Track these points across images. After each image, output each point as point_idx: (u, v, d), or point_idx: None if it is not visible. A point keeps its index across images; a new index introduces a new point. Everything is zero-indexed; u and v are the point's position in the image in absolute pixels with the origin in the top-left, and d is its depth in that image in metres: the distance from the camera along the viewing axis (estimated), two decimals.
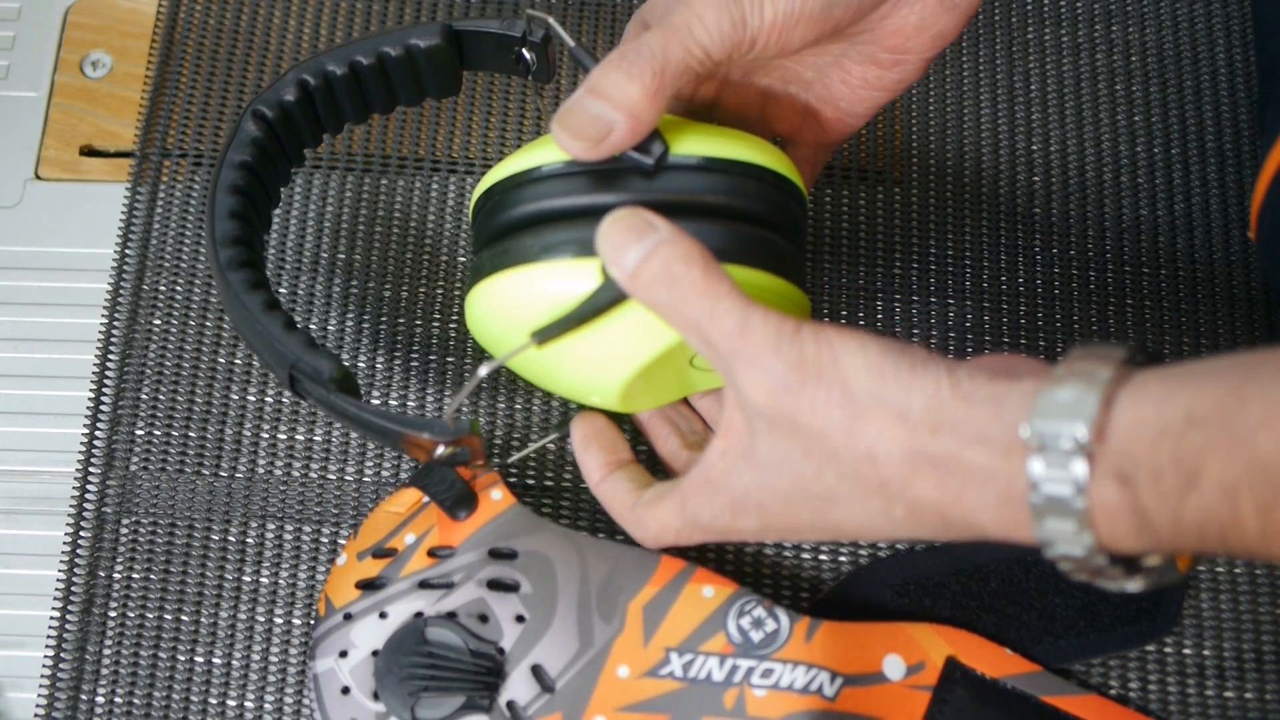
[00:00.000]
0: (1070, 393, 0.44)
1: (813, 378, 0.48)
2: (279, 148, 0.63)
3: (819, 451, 0.48)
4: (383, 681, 0.60)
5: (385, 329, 0.71)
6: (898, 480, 0.47)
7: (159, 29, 0.77)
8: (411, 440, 0.56)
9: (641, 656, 0.61)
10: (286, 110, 0.62)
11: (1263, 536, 0.41)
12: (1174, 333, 0.71)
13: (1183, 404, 0.42)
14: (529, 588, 0.61)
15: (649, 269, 0.50)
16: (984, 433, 0.45)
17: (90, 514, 0.68)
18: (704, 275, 0.49)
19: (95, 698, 0.65)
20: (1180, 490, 0.42)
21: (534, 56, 0.62)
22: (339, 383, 0.56)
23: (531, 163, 0.57)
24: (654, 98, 0.53)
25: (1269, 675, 0.65)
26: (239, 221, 0.59)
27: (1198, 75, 0.76)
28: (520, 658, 0.60)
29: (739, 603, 0.61)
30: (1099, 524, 0.44)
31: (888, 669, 0.62)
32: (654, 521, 0.56)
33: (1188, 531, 0.42)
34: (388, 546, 0.63)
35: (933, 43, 0.59)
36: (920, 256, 0.72)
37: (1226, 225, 0.73)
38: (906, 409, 0.46)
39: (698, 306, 0.49)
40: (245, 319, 0.57)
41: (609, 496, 0.59)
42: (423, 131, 0.75)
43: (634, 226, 0.51)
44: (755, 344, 0.48)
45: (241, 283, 0.58)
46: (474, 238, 0.61)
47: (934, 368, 0.47)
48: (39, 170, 0.75)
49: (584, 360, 0.57)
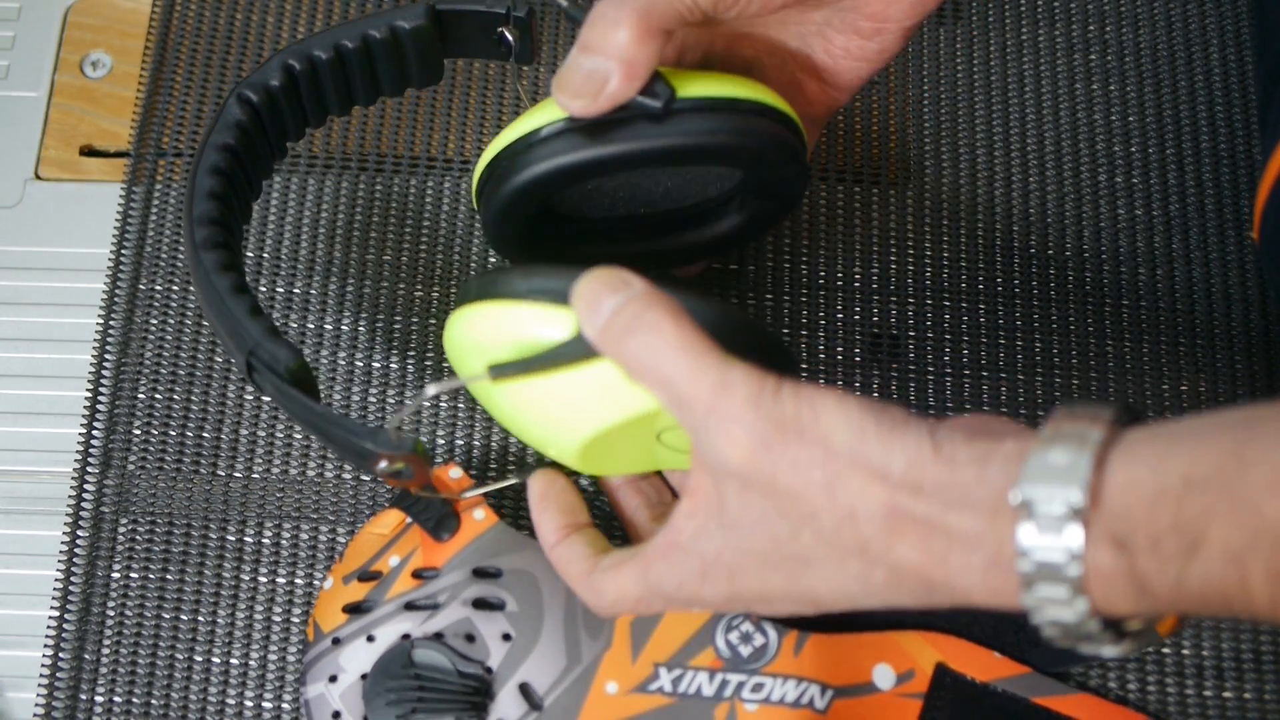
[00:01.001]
0: (1062, 455, 0.42)
1: (794, 436, 0.46)
2: (262, 134, 0.62)
3: (796, 512, 0.46)
4: (372, 705, 0.60)
5: (381, 329, 0.71)
6: (879, 541, 0.45)
7: (153, 29, 0.77)
8: (354, 448, 0.54)
9: (630, 672, 0.61)
10: (272, 95, 0.61)
11: (1273, 603, 0.40)
12: (1169, 334, 0.71)
13: (1179, 466, 0.41)
14: (514, 606, 0.61)
15: (621, 320, 0.49)
16: (968, 495, 0.44)
17: (88, 514, 0.68)
18: (679, 330, 0.48)
19: (94, 698, 0.65)
20: (1182, 556, 0.41)
21: (516, 37, 0.62)
22: (294, 374, 0.54)
23: (529, 127, 0.57)
24: (643, 40, 0.52)
25: (1268, 675, 0.65)
26: (218, 203, 0.58)
27: (1191, 75, 0.76)
28: (508, 676, 0.60)
29: (727, 617, 0.61)
30: (1094, 590, 0.42)
31: (878, 679, 0.62)
32: (613, 588, 0.53)
33: (1189, 597, 0.41)
34: (373, 569, 0.63)
35: (913, 9, 0.59)
36: (916, 257, 0.72)
37: (1222, 226, 0.72)
38: (888, 468, 0.45)
39: (674, 362, 0.48)
40: (212, 300, 0.56)
41: (565, 561, 0.56)
42: (418, 131, 0.75)
43: (609, 282, 0.50)
44: (736, 402, 0.47)
45: (214, 264, 0.56)
46: (482, 210, 0.60)
47: (915, 428, 0.46)
48: (39, 170, 0.75)
49: (544, 412, 0.56)
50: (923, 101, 0.75)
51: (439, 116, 0.75)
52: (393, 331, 0.71)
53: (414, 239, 0.73)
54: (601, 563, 0.54)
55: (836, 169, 0.74)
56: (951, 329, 0.71)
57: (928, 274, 0.72)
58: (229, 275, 0.56)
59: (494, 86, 0.76)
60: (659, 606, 0.52)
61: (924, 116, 0.75)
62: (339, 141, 0.75)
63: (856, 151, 0.74)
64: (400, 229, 0.73)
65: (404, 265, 0.72)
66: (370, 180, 0.74)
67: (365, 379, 0.70)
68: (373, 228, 0.73)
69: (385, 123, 0.75)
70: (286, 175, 0.74)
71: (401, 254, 0.72)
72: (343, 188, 0.74)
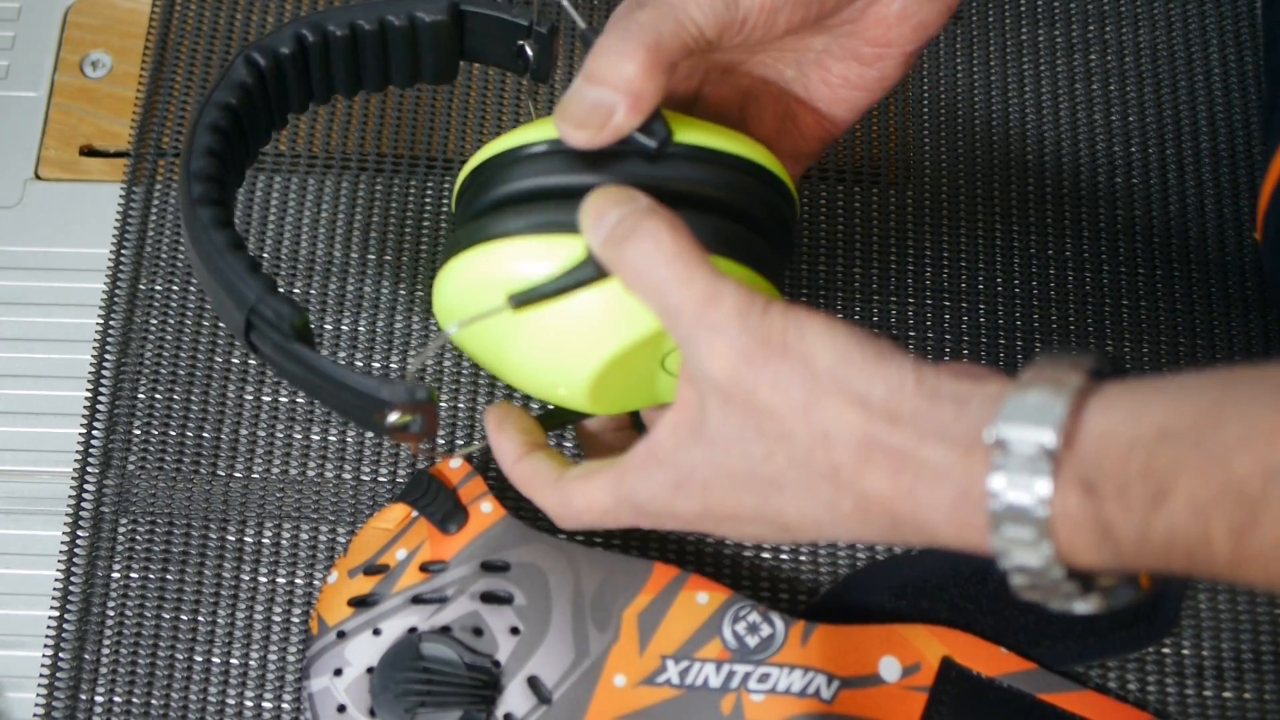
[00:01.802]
0: (1039, 397, 0.43)
1: (777, 353, 0.46)
2: (265, 99, 0.60)
3: (773, 430, 0.47)
4: (378, 698, 0.60)
5: (382, 329, 0.71)
6: (849, 467, 0.46)
7: (153, 29, 0.77)
8: (364, 401, 0.53)
9: (638, 665, 0.61)
10: (280, 61, 0.60)
11: (1233, 560, 0.40)
12: (1169, 334, 0.71)
13: (1156, 418, 0.41)
14: (522, 599, 0.61)
15: (623, 229, 0.50)
16: (945, 430, 0.44)
17: (88, 514, 0.68)
18: (676, 242, 0.49)
19: (94, 698, 0.65)
20: (1148, 505, 0.41)
21: (535, 51, 0.62)
22: (298, 331, 0.53)
23: (520, 141, 0.56)
24: (651, 74, 0.52)
25: (1268, 675, 0.65)
26: (215, 160, 0.57)
27: (1192, 76, 0.76)
28: (516, 670, 0.60)
29: (733, 608, 0.61)
30: (1060, 534, 0.43)
31: (884, 671, 0.62)
32: (580, 497, 0.53)
33: (1153, 548, 0.41)
34: (379, 563, 0.63)
35: (914, 34, 0.58)
36: (916, 258, 0.72)
37: (1221, 226, 0.73)
38: (868, 395, 0.45)
39: (668, 271, 0.48)
40: (207, 256, 0.54)
41: (528, 473, 0.56)
42: (418, 131, 0.75)
43: (615, 196, 0.51)
44: (723, 314, 0.47)
45: (211, 219, 0.55)
46: (456, 217, 0.59)
47: (900, 359, 0.46)
48: (39, 170, 0.75)
49: (557, 341, 0.55)
50: (923, 101, 0.76)
51: (439, 116, 0.75)
52: (393, 331, 0.71)
53: (414, 239, 0.73)
54: (569, 473, 0.54)
55: (836, 169, 0.74)
56: (951, 329, 0.71)
57: (928, 274, 0.72)
58: (225, 232, 0.55)
59: (494, 88, 0.76)
60: (627, 519, 0.52)
61: (924, 116, 0.75)
62: (339, 141, 0.75)
63: (856, 151, 0.75)
64: (400, 229, 0.73)
65: (404, 265, 0.72)
66: (370, 180, 0.74)
67: None
68: (373, 228, 0.73)
69: (385, 123, 0.75)
70: (286, 175, 0.74)
71: (401, 254, 0.72)
72: (343, 188, 0.74)
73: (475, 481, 0.63)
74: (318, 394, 0.55)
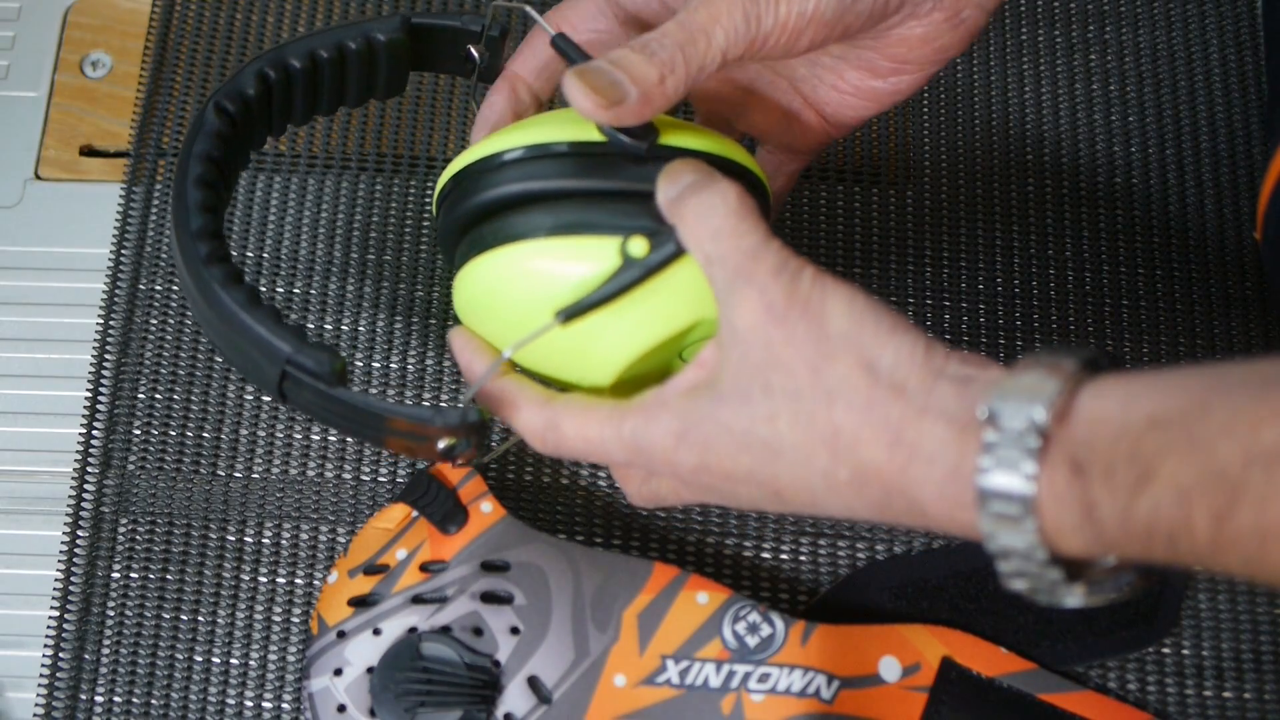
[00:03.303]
0: (1032, 378, 0.44)
1: (798, 309, 0.48)
2: (237, 141, 0.60)
3: (781, 387, 0.48)
4: (379, 698, 0.60)
5: (382, 329, 0.71)
6: (849, 433, 0.47)
7: (153, 29, 0.77)
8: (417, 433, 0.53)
9: (638, 665, 0.61)
10: (247, 103, 0.60)
11: (1213, 544, 0.41)
12: (1169, 333, 0.71)
13: (1146, 407, 0.42)
14: (523, 599, 0.61)
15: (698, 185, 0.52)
16: (943, 407, 0.46)
17: (88, 514, 0.68)
18: (741, 202, 0.51)
19: (94, 698, 0.65)
20: (1132, 487, 0.41)
21: (483, 55, 0.62)
22: (339, 375, 0.53)
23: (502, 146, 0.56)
24: (666, 88, 0.53)
25: (1268, 675, 0.65)
26: (210, 214, 0.56)
27: (1192, 76, 0.76)
28: (516, 670, 0.60)
29: (734, 608, 0.62)
30: (1045, 513, 0.43)
31: (884, 671, 0.62)
32: (573, 424, 0.53)
33: (1135, 531, 0.42)
34: (379, 563, 0.63)
35: (935, 56, 0.59)
36: (916, 258, 0.72)
37: (1221, 226, 0.73)
38: (876, 362, 0.47)
39: (726, 221, 0.50)
40: (229, 316, 0.54)
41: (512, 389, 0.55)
42: (418, 131, 0.75)
43: (693, 163, 0.53)
44: (761, 268, 0.49)
45: (224, 276, 0.54)
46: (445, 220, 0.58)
47: (913, 334, 0.48)
48: (39, 170, 0.75)
49: (591, 341, 0.55)
50: (922, 101, 0.76)
51: (439, 116, 0.75)
52: (393, 331, 0.71)
53: (414, 239, 0.73)
54: (563, 397, 0.54)
55: (836, 169, 0.74)
56: (951, 329, 0.71)
57: (928, 274, 0.72)
58: (240, 289, 0.54)
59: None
60: (617, 456, 0.53)
61: (924, 116, 0.75)
62: (339, 141, 0.75)
63: (856, 151, 0.75)
64: (400, 229, 0.73)
65: (404, 265, 0.72)
66: (370, 180, 0.74)
67: (365, 378, 0.70)
68: (372, 228, 0.73)
69: (385, 123, 0.75)
70: (286, 175, 0.74)
71: (401, 254, 0.72)
72: (343, 188, 0.74)
73: (475, 481, 0.63)
74: (363, 435, 0.55)
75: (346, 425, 0.55)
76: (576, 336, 0.55)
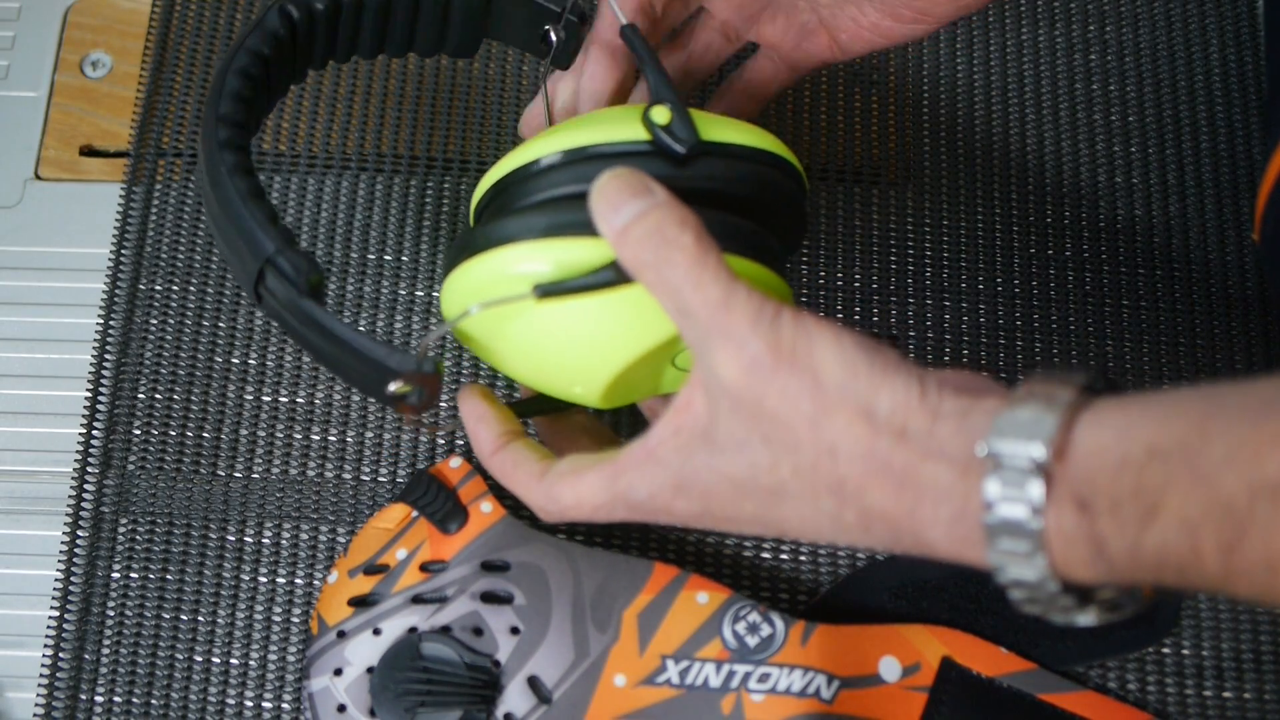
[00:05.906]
0: (1029, 413, 0.43)
1: (786, 363, 0.46)
2: (292, 52, 0.59)
3: (779, 440, 0.47)
4: (378, 698, 0.60)
5: (382, 329, 0.71)
6: (854, 482, 0.46)
7: (153, 29, 0.77)
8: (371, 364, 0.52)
9: (638, 665, 0.61)
10: (313, 15, 0.58)
11: (1223, 574, 0.41)
12: (1169, 334, 0.71)
13: (1145, 436, 0.42)
14: (523, 599, 0.61)
15: (640, 227, 0.49)
16: (944, 448, 0.45)
17: (88, 514, 0.68)
18: (696, 243, 0.48)
19: (94, 698, 0.65)
20: (1139, 522, 0.41)
21: (560, 39, 0.61)
22: (314, 288, 0.52)
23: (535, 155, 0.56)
24: None
25: (1268, 675, 0.65)
26: (243, 106, 0.55)
27: (1191, 75, 0.76)
28: (516, 670, 0.60)
29: (733, 608, 0.61)
30: (1054, 548, 0.43)
31: (884, 671, 0.62)
32: (570, 493, 0.52)
33: (1145, 563, 0.42)
34: (379, 563, 0.63)
35: (955, 9, 0.60)
36: (915, 257, 0.72)
37: (1221, 226, 0.73)
38: (874, 409, 0.46)
39: (684, 273, 0.48)
40: (227, 201, 0.53)
41: (510, 464, 0.55)
42: (418, 131, 0.75)
43: (631, 184, 0.50)
44: (735, 320, 0.47)
45: (235, 165, 0.53)
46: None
47: (905, 373, 0.46)
48: (39, 170, 0.75)
49: (582, 343, 0.54)
50: (922, 101, 0.76)
51: (439, 116, 0.75)
52: (393, 331, 0.71)
53: (414, 239, 0.73)
54: (556, 467, 0.53)
55: (836, 169, 0.74)
56: (951, 329, 0.71)
57: (928, 274, 0.72)
58: (249, 179, 0.53)
59: (494, 87, 0.76)
60: (620, 515, 0.52)
61: (924, 116, 0.75)
62: (339, 141, 0.75)
63: (856, 151, 0.75)
64: (400, 229, 0.73)
65: (404, 265, 0.72)
66: (370, 180, 0.74)
67: None
68: (372, 228, 0.73)
69: (385, 123, 0.75)
70: (286, 175, 0.74)
71: (401, 254, 0.72)
72: (342, 188, 0.74)
73: (475, 481, 0.63)
74: (323, 356, 0.53)
75: (309, 345, 0.53)
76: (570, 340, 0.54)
